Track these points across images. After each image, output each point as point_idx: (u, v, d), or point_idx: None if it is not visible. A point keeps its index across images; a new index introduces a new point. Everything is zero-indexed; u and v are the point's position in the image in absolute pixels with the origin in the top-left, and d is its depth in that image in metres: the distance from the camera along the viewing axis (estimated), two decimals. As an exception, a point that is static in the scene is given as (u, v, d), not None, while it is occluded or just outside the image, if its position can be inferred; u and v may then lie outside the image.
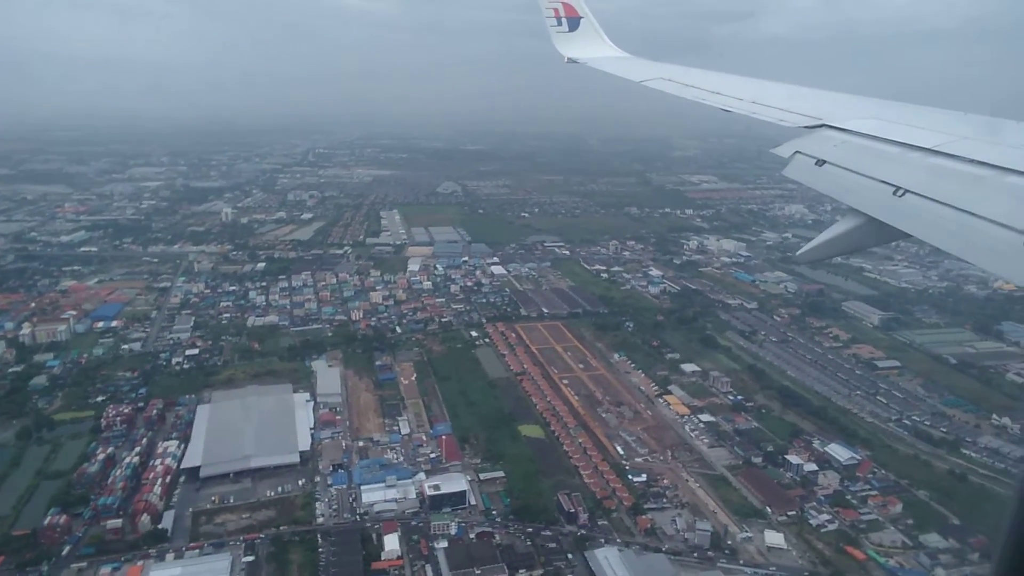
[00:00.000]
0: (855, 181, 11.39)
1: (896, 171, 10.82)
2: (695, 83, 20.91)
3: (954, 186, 9.63)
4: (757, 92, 18.17)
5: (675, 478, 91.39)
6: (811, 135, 13.93)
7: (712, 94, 19.26)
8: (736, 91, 18.93)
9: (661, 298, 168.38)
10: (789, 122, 14.99)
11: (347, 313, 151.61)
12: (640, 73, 24.04)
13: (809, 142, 13.56)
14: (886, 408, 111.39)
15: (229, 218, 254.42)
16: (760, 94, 17.79)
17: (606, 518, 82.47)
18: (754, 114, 16.40)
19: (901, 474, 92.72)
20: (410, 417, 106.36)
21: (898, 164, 11.12)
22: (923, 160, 10.83)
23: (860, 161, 11.85)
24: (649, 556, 75.31)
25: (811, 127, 14.25)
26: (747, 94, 18.13)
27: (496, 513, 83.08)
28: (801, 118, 14.82)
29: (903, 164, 11.05)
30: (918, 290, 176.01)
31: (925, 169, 10.55)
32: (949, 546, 77.51)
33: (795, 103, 16.05)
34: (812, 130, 14.13)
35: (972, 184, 9.44)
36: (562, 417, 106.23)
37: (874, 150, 12.08)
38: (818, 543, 78.64)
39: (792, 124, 14.81)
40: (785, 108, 15.83)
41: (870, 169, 11.32)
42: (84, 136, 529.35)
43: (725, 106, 17.87)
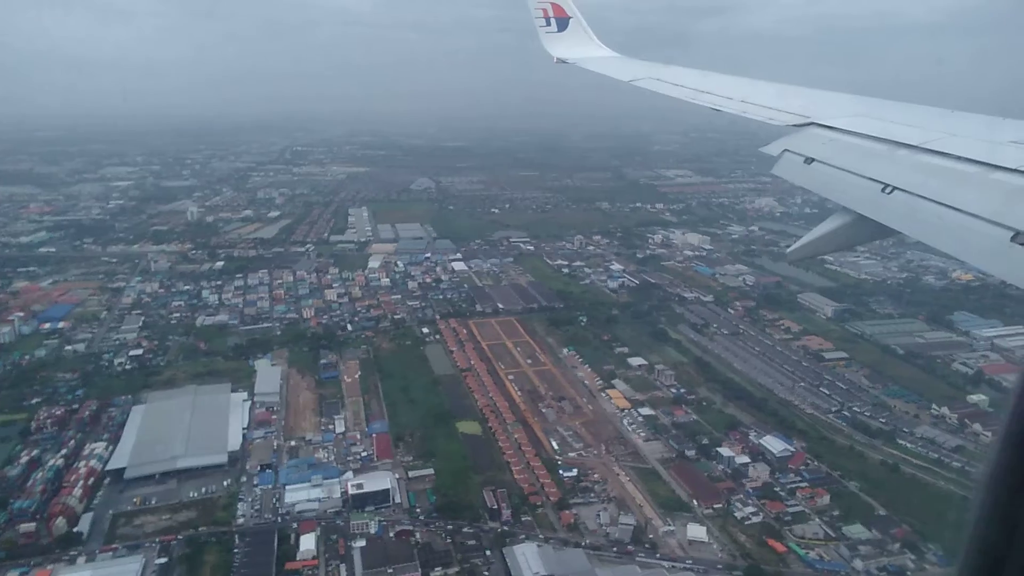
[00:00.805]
0: (843, 179, 11.45)
1: (884, 168, 10.87)
2: (684, 82, 20.99)
3: (941, 183, 9.67)
4: (746, 91, 18.29)
5: (606, 472, 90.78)
6: (800, 133, 14.00)
7: (701, 93, 19.34)
8: (725, 90, 18.96)
9: (619, 292, 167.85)
10: (778, 120, 15.07)
11: (299, 311, 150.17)
12: (629, 72, 24.20)
13: (798, 140, 13.63)
14: (828, 400, 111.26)
15: (194, 217, 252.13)
16: (749, 93, 17.88)
17: (531, 514, 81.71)
18: (744, 113, 16.49)
19: (834, 466, 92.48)
20: (347, 416, 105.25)
21: (886, 161, 11.19)
22: (911, 157, 10.89)
23: (848, 159, 11.92)
24: (567, 551, 74.67)
25: (800, 125, 14.31)
26: (736, 93, 18.20)
27: (420, 511, 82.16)
28: (790, 116, 14.90)
29: (891, 161, 11.12)
30: (876, 281, 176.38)
31: (913, 166, 10.61)
32: (871, 537, 77.29)
33: (784, 101, 16.21)
34: (801, 128, 14.19)
35: (959, 180, 9.50)
36: (502, 413, 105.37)
37: (862, 148, 12.15)
38: (741, 536, 78.22)
39: (781, 122, 14.88)
40: (774, 107, 15.95)
41: (858, 167, 11.37)
42: (61, 136, 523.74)
43: (714, 105, 17.94)
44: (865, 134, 12.49)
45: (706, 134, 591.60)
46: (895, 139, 11.69)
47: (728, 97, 18.02)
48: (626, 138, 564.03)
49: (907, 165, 10.72)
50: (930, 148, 10.71)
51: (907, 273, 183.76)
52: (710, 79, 21.12)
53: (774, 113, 15.51)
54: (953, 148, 10.33)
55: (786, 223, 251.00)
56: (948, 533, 78.09)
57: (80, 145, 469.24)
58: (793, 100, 16.22)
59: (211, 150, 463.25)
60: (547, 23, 30.03)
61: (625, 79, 23.56)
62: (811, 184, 12.29)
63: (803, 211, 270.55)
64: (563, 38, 29.98)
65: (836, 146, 12.71)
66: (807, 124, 14.15)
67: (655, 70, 23.72)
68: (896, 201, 9.98)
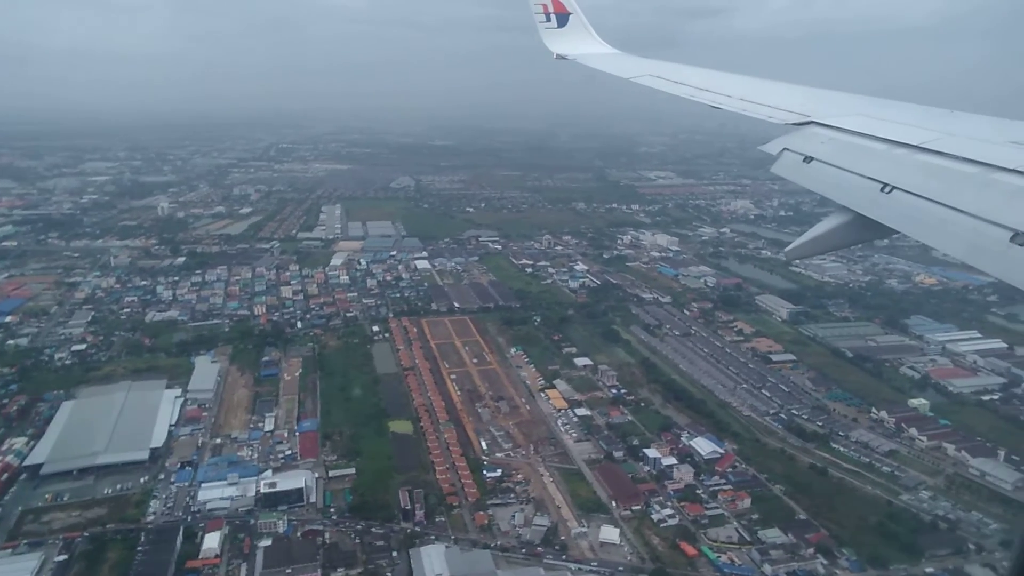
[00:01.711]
0: (842, 178, 11.43)
1: (883, 168, 10.84)
2: (684, 80, 20.78)
3: (941, 182, 9.63)
4: (746, 89, 18.17)
5: (531, 473, 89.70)
6: (799, 132, 13.94)
7: (701, 91, 19.15)
8: (725, 88, 18.84)
9: (578, 292, 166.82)
10: (777, 119, 15.02)
11: (251, 308, 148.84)
12: (629, 70, 23.91)
13: (797, 139, 13.57)
14: (767, 402, 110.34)
15: (165, 212, 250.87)
16: (749, 91, 17.77)
17: (447, 514, 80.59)
18: (743, 111, 16.43)
19: (762, 468, 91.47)
20: (279, 414, 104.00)
21: (885, 161, 11.13)
22: (910, 157, 10.84)
23: (847, 158, 11.88)
24: (474, 552, 73.58)
25: (799, 124, 14.27)
26: (736, 91, 18.11)
27: (334, 511, 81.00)
28: (789, 115, 14.86)
29: (890, 161, 11.07)
30: (838, 284, 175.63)
31: (912, 166, 10.56)
32: (786, 542, 76.28)
33: (784, 100, 16.15)
34: (800, 127, 14.14)
35: (959, 181, 9.45)
36: (436, 412, 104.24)
37: (861, 147, 12.09)
38: (654, 538, 77.18)
39: (780, 121, 14.84)
40: (774, 105, 15.89)
41: (857, 166, 11.34)
42: (47, 130, 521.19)
43: (714, 103, 17.83)
44: (864, 133, 12.40)
45: (695, 136, 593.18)
46: (894, 138, 11.62)
47: (728, 95, 17.94)
48: (614, 139, 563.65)
49: (906, 165, 10.69)
50: (929, 148, 10.63)
51: (871, 276, 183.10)
52: (710, 77, 20.87)
53: (773, 111, 15.48)
54: (952, 148, 10.27)
55: (758, 225, 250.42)
56: (865, 538, 77.43)
57: (65, 139, 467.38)
58: (792, 99, 16.21)
59: (196, 146, 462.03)
60: (547, 19, 29.79)
61: (624, 76, 23.42)
62: (810, 183, 12.23)
63: (777, 214, 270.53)
64: (563, 34, 29.81)
65: (835, 145, 12.63)
66: (806, 123, 14.12)
67: (655, 67, 23.48)
68: (895, 201, 9.96)
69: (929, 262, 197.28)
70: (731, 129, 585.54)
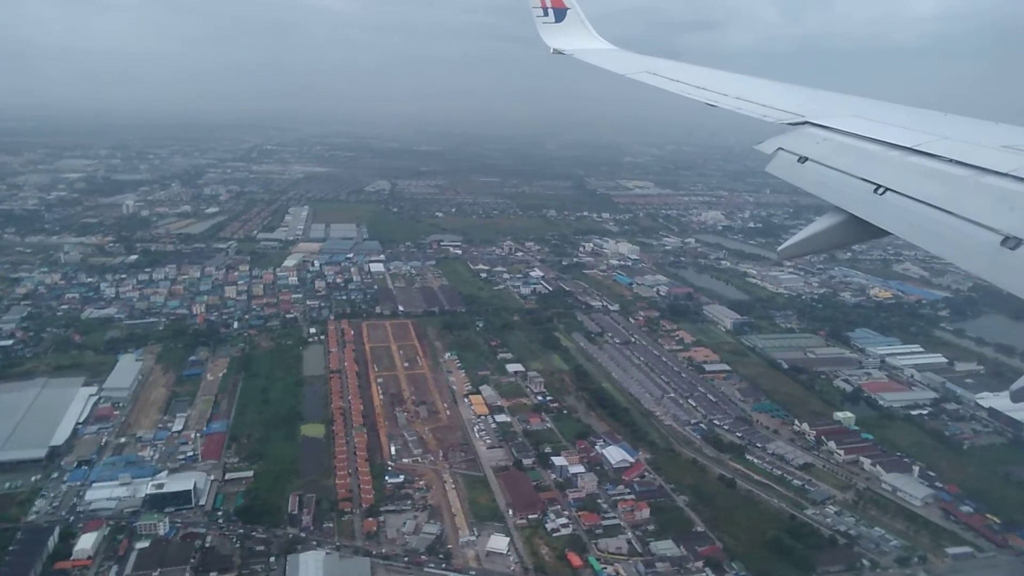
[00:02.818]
0: (836, 178, 11.38)
1: (877, 169, 10.83)
2: (681, 77, 20.57)
3: (933, 185, 9.65)
4: (742, 88, 18.06)
5: (434, 479, 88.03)
6: (794, 132, 13.87)
7: (697, 89, 19.00)
8: (721, 86, 18.69)
9: (528, 299, 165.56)
10: (773, 118, 14.97)
11: (191, 307, 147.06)
12: (626, 66, 23.63)
13: (792, 139, 13.50)
14: (691, 412, 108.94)
15: (130, 210, 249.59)
16: (745, 90, 17.65)
17: (336, 520, 78.85)
18: (739, 110, 16.32)
19: (671, 479, 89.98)
20: (192, 414, 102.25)
21: (879, 162, 11.13)
22: (903, 159, 10.85)
23: (842, 159, 11.85)
24: (353, 560, 71.94)
25: (795, 124, 14.21)
26: (732, 90, 17.99)
27: (221, 514, 79.20)
28: (785, 115, 14.81)
29: (884, 162, 11.07)
30: (791, 296, 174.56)
31: (905, 168, 10.57)
32: (677, 554, 74.68)
33: (779, 100, 16.07)
34: (795, 127, 14.08)
35: (951, 183, 9.48)
36: (353, 416, 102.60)
37: (856, 148, 12.10)
38: (544, 548, 75.54)
39: (776, 120, 14.80)
40: (769, 104, 15.83)
41: (851, 167, 11.31)
42: (33, 127, 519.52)
43: (710, 101, 17.67)
44: (859, 134, 12.39)
45: (683, 147, 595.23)
46: (889, 140, 11.60)
47: (724, 93, 17.79)
48: (602, 148, 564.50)
49: (900, 167, 10.67)
50: (923, 150, 10.63)
51: (826, 289, 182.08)
52: (706, 75, 20.65)
53: (769, 111, 15.41)
54: (945, 151, 10.28)
55: (725, 236, 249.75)
56: (759, 552, 75.94)
57: (49, 136, 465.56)
58: (788, 99, 16.11)
59: (179, 146, 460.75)
60: (544, 13, 29.49)
61: (620, 72, 23.15)
62: (804, 183, 12.14)
63: (746, 226, 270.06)
64: (560, 29, 29.47)
65: (830, 146, 12.59)
66: (802, 123, 14.05)
67: (651, 64, 23.20)
68: (888, 202, 9.96)
69: (888, 276, 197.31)
70: (720, 141, 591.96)
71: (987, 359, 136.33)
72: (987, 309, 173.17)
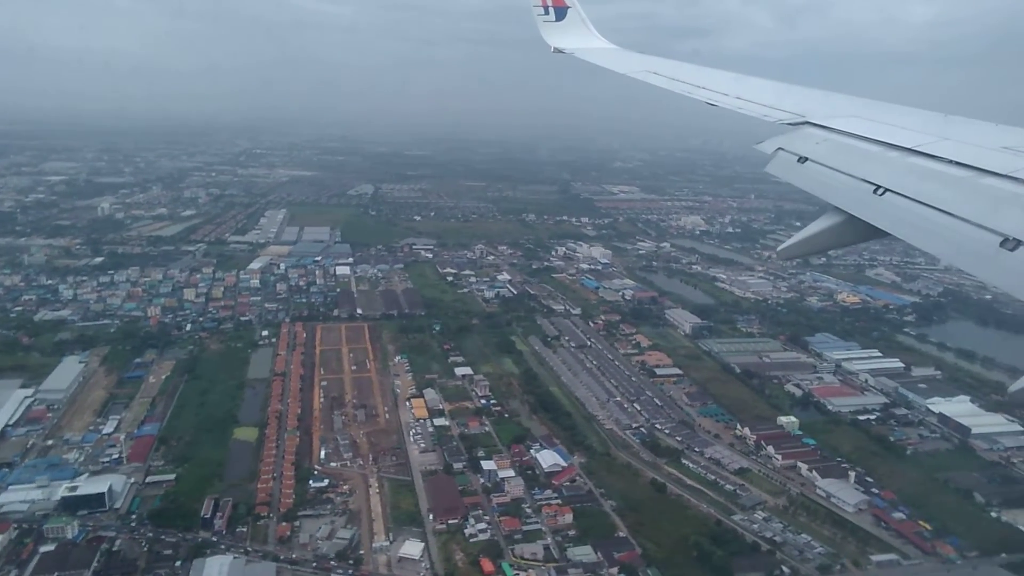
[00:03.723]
0: (836, 179, 11.40)
1: (877, 170, 10.82)
2: (681, 77, 20.59)
3: (933, 186, 9.66)
4: (742, 88, 18.10)
5: (360, 484, 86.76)
6: (794, 132, 13.89)
7: (698, 88, 19.01)
8: (722, 86, 18.69)
9: (491, 302, 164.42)
10: (773, 118, 14.99)
11: (146, 310, 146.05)
12: (626, 65, 23.62)
13: (792, 139, 13.53)
14: (635, 416, 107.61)
15: (105, 213, 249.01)
16: (745, 90, 17.69)
17: (252, 525, 77.56)
18: (739, 109, 16.34)
19: (602, 483, 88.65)
20: (126, 416, 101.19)
21: (879, 163, 11.13)
22: (903, 159, 10.85)
23: (841, 159, 11.87)
24: (259, 564, 70.73)
25: (794, 124, 14.22)
26: (732, 89, 18.01)
27: (135, 517, 77.96)
28: (785, 115, 14.84)
29: (883, 163, 11.07)
30: (757, 300, 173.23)
31: (905, 168, 10.56)
32: (593, 560, 73.29)
33: (779, 100, 16.11)
34: (795, 127, 14.09)
35: (950, 184, 9.49)
36: (288, 419, 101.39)
37: (855, 148, 12.11)
38: (459, 554, 74.17)
39: (775, 120, 14.82)
40: (770, 104, 15.85)
41: (851, 167, 11.32)
42: (24, 130, 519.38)
43: (711, 100, 17.72)
44: (859, 135, 12.40)
45: (675, 153, 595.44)
46: (889, 141, 11.59)
47: (724, 93, 17.81)
48: (593, 153, 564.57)
49: (899, 167, 10.66)
50: (923, 151, 10.61)
51: (794, 293, 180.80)
52: (707, 74, 20.64)
53: (769, 110, 15.43)
54: (945, 152, 10.26)
55: (701, 241, 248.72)
56: (677, 558, 74.62)
57: (38, 139, 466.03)
58: (788, 98, 16.17)
59: (168, 149, 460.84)
60: (545, 11, 29.43)
61: (622, 71, 23.17)
62: (803, 183, 12.14)
63: (724, 231, 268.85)
64: (561, 28, 29.44)
65: (830, 146, 12.62)
66: (802, 123, 14.06)
67: (652, 63, 23.14)
68: (887, 203, 9.94)
69: (860, 281, 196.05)
70: (714, 146, 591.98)
71: (946, 364, 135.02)
72: (955, 315, 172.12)
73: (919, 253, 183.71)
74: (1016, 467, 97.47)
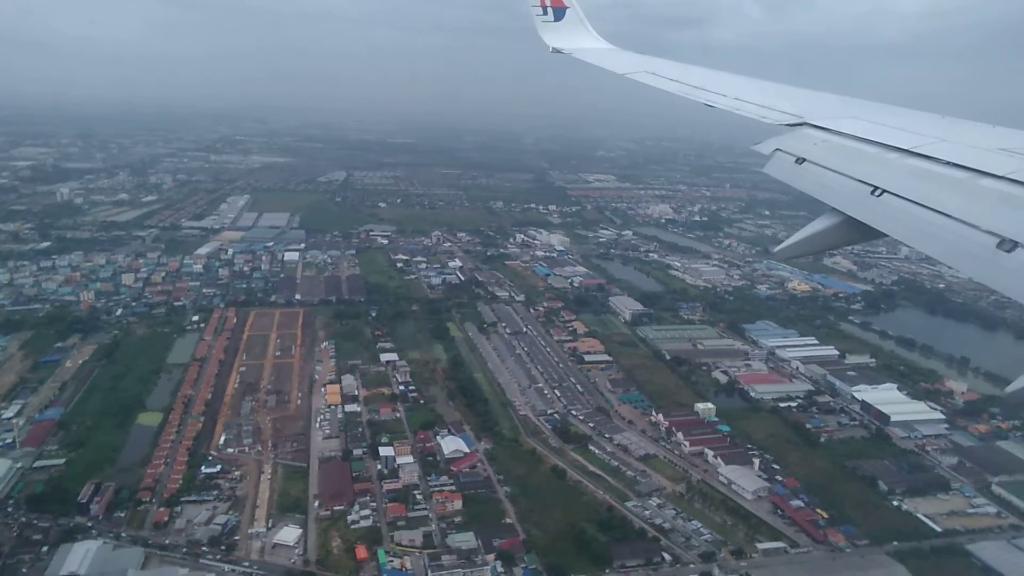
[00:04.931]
0: (834, 180, 11.43)
1: (874, 171, 10.86)
2: (679, 77, 20.55)
3: (930, 187, 9.71)
4: (740, 88, 18.08)
5: (253, 470, 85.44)
6: (792, 133, 13.89)
7: (695, 89, 18.97)
8: (719, 87, 18.65)
9: (436, 288, 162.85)
10: (771, 119, 14.97)
11: (80, 294, 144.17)
12: (624, 65, 23.62)
13: (790, 140, 13.52)
14: (553, 402, 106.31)
15: (64, 198, 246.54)
16: (743, 90, 17.69)
17: (132, 510, 76.26)
18: (737, 110, 16.36)
19: (503, 469, 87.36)
20: (32, 401, 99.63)
21: (876, 164, 11.15)
22: (901, 161, 10.88)
23: (839, 160, 11.89)
24: (127, 550, 69.40)
25: (792, 125, 14.21)
26: (730, 90, 17.98)
27: (13, 502, 76.56)
28: (783, 116, 14.83)
29: (881, 164, 11.08)
30: (707, 288, 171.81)
31: (903, 170, 10.61)
32: (472, 547, 72.03)
33: (777, 100, 16.12)
34: (793, 128, 14.09)
35: (948, 186, 9.54)
36: (196, 405, 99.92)
37: (853, 150, 12.14)
38: (337, 540, 72.96)
39: (773, 121, 14.80)
40: (767, 105, 15.85)
41: (849, 168, 11.36)
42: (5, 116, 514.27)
43: (708, 101, 17.70)
44: (857, 136, 12.42)
45: (661, 143, 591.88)
46: (886, 142, 11.60)
47: (722, 94, 17.82)
48: (579, 143, 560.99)
49: (897, 169, 10.69)
50: (920, 152, 10.65)
51: (745, 281, 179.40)
52: (705, 75, 20.63)
53: (767, 112, 15.45)
54: (943, 153, 10.28)
55: (666, 229, 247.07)
56: (560, 545, 73.53)
57: (15, 125, 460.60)
58: (786, 100, 16.19)
59: (147, 135, 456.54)
60: (543, 11, 29.33)
61: (619, 72, 23.12)
62: (801, 184, 12.14)
63: (691, 219, 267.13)
64: (559, 28, 29.34)
65: (827, 147, 12.63)
66: (800, 124, 14.07)
67: (650, 64, 23.17)
68: (885, 204, 9.98)
69: (815, 270, 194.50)
70: (702, 136, 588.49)
71: (883, 352, 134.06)
72: (904, 304, 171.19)
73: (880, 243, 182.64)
74: (929, 455, 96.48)
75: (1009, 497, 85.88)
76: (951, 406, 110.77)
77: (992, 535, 79.64)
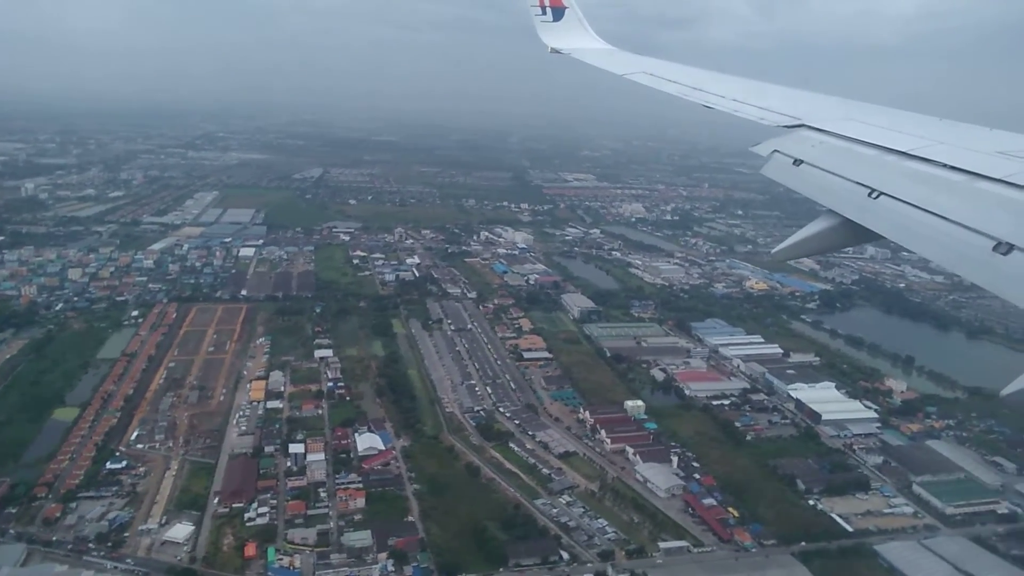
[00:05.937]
0: (831, 182, 11.40)
1: (872, 173, 10.84)
2: (677, 78, 20.46)
3: (927, 190, 9.70)
4: (739, 90, 18.03)
5: (159, 466, 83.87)
6: (790, 135, 13.82)
7: (694, 90, 18.92)
8: (718, 88, 18.60)
9: (388, 285, 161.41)
10: (769, 121, 14.93)
11: (22, 288, 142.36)
12: (623, 66, 23.57)
13: (788, 142, 13.45)
14: (482, 399, 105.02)
15: (29, 193, 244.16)
16: (741, 92, 17.66)
17: (26, 506, 74.68)
18: (735, 111, 16.31)
19: (416, 467, 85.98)
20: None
21: (874, 166, 11.14)
22: (898, 163, 10.84)
23: (837, 162, 11.84)
24: (6, 547, 67.93)
25: (790, 127, 14.17)
26: (728, 91, 17.95)
27: (-98, 498, 74.91)
28: (781, 117, 14.81)
29: (879, 167, 11.05)
30: (663, 286, 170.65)
31: (900, 172, 10.58)
32: (366, 545, 70.57)
33: (775, 102, 16.10)
34: (791, 130, 14.03)
35: (945, 188, 9.55)
36: (115, 400, 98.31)
37: (851, 152, 12.10)
38: (230, 537, 71.51)
39: (772, 123, 14.75)
40: (765, 107, 15.82)
41: (846, 170, 11.34)
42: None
43: (707, 102, 17.68)
44: (854, 138, 12.41)
45: (648, 143, 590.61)
46: (884, 144, 11.59)
47: (720, 95, 17.80)
48: (565, 142, 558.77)
49: (894, 171, 10.67)
50: (918, 155, 10.66)
51: (703, 280, 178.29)
52: (703, 76, 20.60)
53: (765, 113, 15.43)
54: (940, 156, 10.29)
55: (635, 228, 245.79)
56: (457, 543, 72.21)
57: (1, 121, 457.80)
58: (784, 101, 16.18)
59: (128, 132, 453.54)
60: (542, 12, 29.18)
61: (618, 73, 23.10)
62: (799, 186, 12.10)
63: (662, 219, 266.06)
64: (558, 28, 29.19)
65: (825, 149, 12.59)
66: (798, 126, 14.05)
67: (649, 65, 23.19)
68: (882, 206, 9.97)
69: (776, 269, 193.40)
70: (691, 136, 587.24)
71: (829, 351, 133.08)
72: (862, 303, 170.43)
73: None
74: (856, 454, 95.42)
75: (928, 497, 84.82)
76: (887, 405, 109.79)
77: (905, 535, 78.51)
